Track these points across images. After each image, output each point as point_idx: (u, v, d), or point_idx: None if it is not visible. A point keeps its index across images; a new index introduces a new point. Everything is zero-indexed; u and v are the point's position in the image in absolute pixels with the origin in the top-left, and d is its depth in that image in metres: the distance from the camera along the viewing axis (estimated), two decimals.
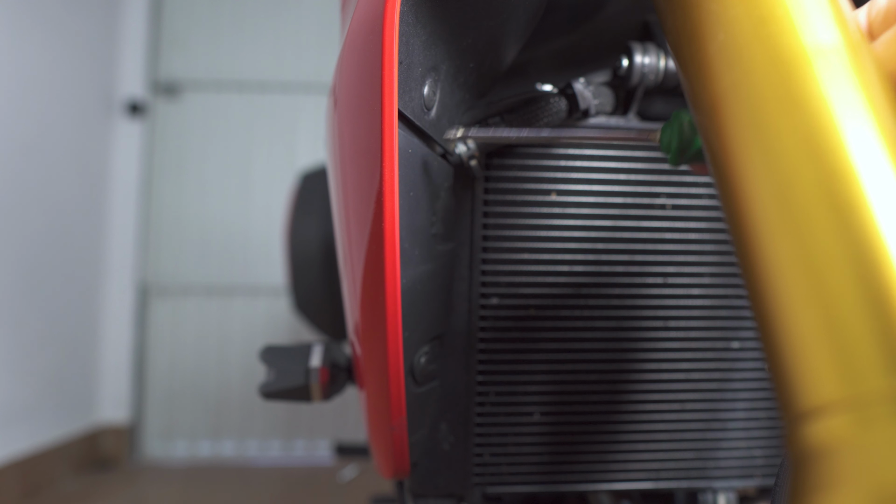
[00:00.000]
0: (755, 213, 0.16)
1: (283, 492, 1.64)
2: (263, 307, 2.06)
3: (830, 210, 0.14)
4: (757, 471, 0.46)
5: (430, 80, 0.31)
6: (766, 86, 0.16)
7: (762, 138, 0.16)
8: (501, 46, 0.35)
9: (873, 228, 0.14)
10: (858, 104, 0.15)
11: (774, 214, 0.15)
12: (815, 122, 0.15)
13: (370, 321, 0.31)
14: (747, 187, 0.16)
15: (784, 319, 0.15)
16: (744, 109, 0.17)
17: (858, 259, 0.14)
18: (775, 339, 0.15)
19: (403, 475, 0.37)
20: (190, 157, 2.07)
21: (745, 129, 0.17)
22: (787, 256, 0.15)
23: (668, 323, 0.43)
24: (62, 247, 1.74)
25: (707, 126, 0.18)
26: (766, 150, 0.16)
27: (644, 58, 0.39)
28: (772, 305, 0.15)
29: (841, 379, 0.13)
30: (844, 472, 0.13)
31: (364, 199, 0.29)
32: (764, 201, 0.16)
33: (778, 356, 0.15)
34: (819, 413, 0.14)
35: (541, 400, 0.43)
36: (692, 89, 0.19)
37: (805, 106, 0.16)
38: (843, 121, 0.15)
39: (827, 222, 0.14)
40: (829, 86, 0.15)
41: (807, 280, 0.14)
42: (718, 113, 0.18)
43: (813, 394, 0.14)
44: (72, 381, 1.80)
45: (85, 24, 1.84)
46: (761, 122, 0.16)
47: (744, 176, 0.16)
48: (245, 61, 2.09)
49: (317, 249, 0.88)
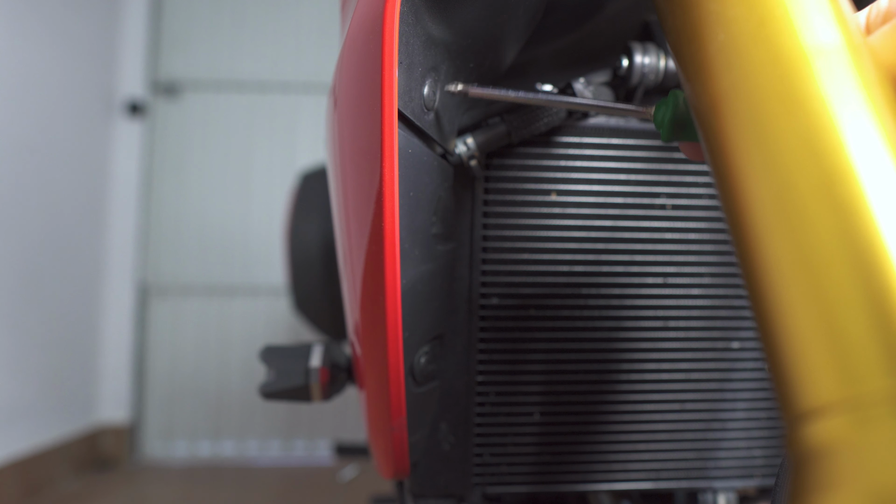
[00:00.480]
0: (755, 213, 0.16)
1: (283, 492, 1.64)
2: (263, 307, 2.06)
3: (830, 210, 0.14)
4: (757, 471, 0.46)
5: (430, 80, 0.31)
6: (766, 86, 0.16)
7: (762, 138, 0.16)
8: (501, 46, 0.35)
9: (873, 229, 0.14)
10: (858, 105, 0.15)
11: (774, 214, 0.15)
12: (815, 123, 0.15)
13: (370, 321, 0.31)
14: (747, 187, 0.16)
15: (784, 319, 0.15)
16: (744, 110, 0.17)
17: (858, 259, 0.14)
18: (775, 339, 0.15)
19: (403, 475, 0.37)
20: (190, 157, 2.07)
21: (745, 129, 0.17)
22: (786, 256, 0.15)
23: (667, 323, 0.43)
24: (62, 247, 1.74)
25: (707, 126, 0.18)
26: (766, 151, 0.16)
27: (644, 58, 0.39)
28: (771, 305, 0.15)
29: (840, 379, 0.13)
30: (843, 473, 0.13)
31: (364, 199, 0.29)
32: (763, 201, 0.16)
33: (778, 356, 0.15)
34: (818, 413, 0.14)
35: (541, 400, 0.43)
36: (692, 89, 0.19)
37: (805, 106, 0.16)
38: (843, 121, 0.15)
39: (827, 223, 0.14)
40: (829, 86, 0.15)
41: (806, 280, 0.14)
42: (718, 113, 0.18)
43: (812, 394, 0.14)
44: (72, 381, 1.80)
45: (85, 24, 1.84)
46: (761, 123, 0.16)
47: (743, 176, 0.16)
48: (245, 61, 2.09)
49: (317, 249, 0.88)
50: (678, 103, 0.26)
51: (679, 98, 0.26)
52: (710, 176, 0.42)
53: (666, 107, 0.26)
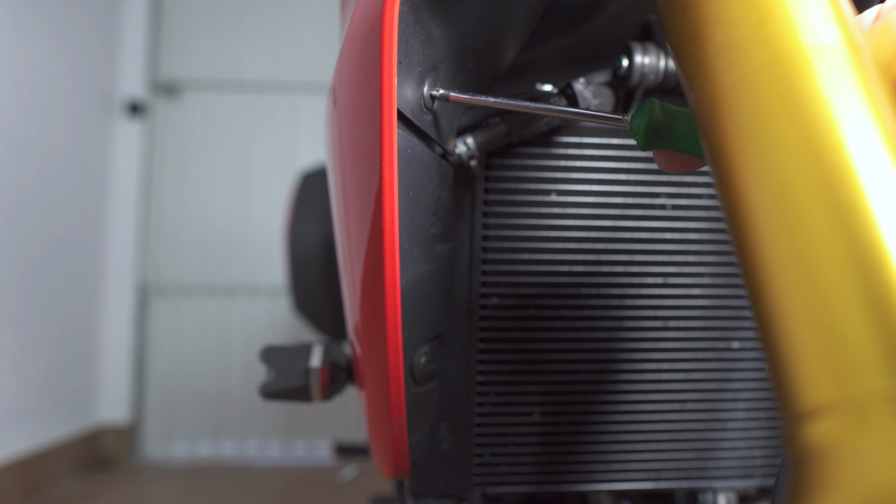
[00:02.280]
0: (754, 213, 0.16)
1: (283, 492, 1.64)
2: (263, 307, 2.06)
3: (830, 210, 0.14)
4: (757, 471, 0.46)
5: (430, 79, 0.31)
6: (767, 86, 0.16)
7: (762, 138, 0.16)
8: (501, 46, 0.35)
9: (872, 229, 0.14)
10: (859, 105, 0.15)
11: (774, 214, 0.15)
12: (815, 123, 0.15)
13: (370, 321, 0.31)
14: (747, 187, 0.16)
15: (783, 319, 0.15)
16: (744, 110, 0.17)
17: (857, 260, 0.14)
18: (775, 339, 0.15)
19: (403, 475, 0.37)
20: (190, 157, 2.07)
21: (744, 129, 0.17)
22: (786, 256, 0.15)
23: (667, 323, 0.43)
24: (62, 247, 1.74)
25: (707, 126, 0.18)
26: (766, 151, 0.16)
27: (644, 58, 0.39)
28: (771, 305, 0.15)
29: (839, 380, 0.13)
30: (840, 474, 0.13)
31: (364, 199, 0.29)
32: (763, 201, 0.16)
33: (777, 356, 0.15)
34: (818, 414, 0.14)
35: (541, 400, 0.43)
36: (692, 89, 0.19)
37: (805, 106, 0.15)
38: (844, 121, 0.15)
39: (826, 223, 0.14)
40: (830, 86, 0.15)
41: (806, 280, 0.14)
42: (718, 113, 0.18)
43: (812, 394, 0.14)
44: (72, 381, 1.80)
45: (85, 24, 1.84)
46: (761, 123, 0.16)
47: (743, 176, 0.16)
48: (245, 61, 2.09)
49: (317, 249, 0.88)
50: (654, 111, 0.26)
51: (655, 106, 0.26)
52: (710, 176, 0.42)
53: (642, 115, 0.26)
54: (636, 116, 0.27)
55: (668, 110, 0.26)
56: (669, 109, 0.26)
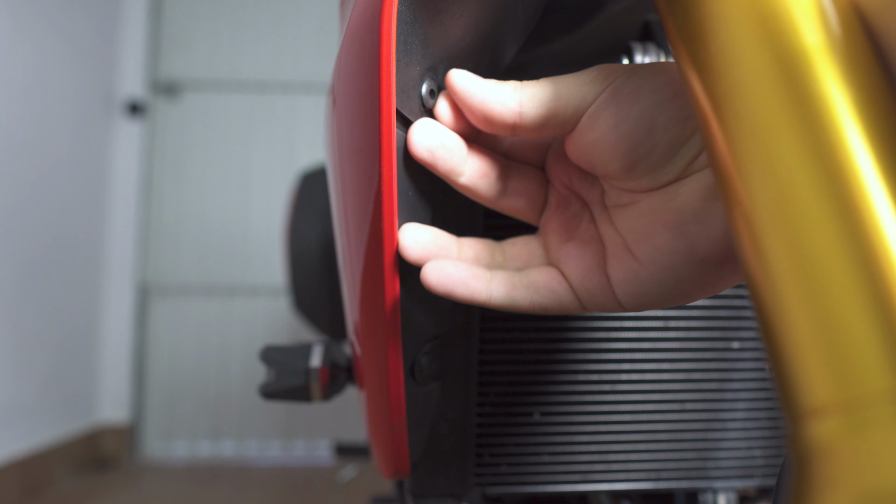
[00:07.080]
0: (755, 212, 0.16)
1: (283, 492, 1.64)
2: (263, 307, 2.06)
3: (830, 210, 0.14)
4: (757, 471, 0.46)
5: (429, 79, 0.31)
6: (768, 86, 0.16)
7: (763, 138, 0.16)
8: (500, 46, 0.35)
9: (874, 228, 0.14)
10: (860, 105, 0.15)
11: (775, 214, 0.15)
12: (816, 123, 0.15)
13: (370, 321, 0.31)
14: (748, 187, 0.16)
15: (785, 319, 0.15)
16: (745, 109, 0.17)
17: (859, 259, 0.14)
18: (776, 338, 0.15)
19: (403, 475, 0.37)
20: (190, 157, 2.07)
21: (745, 129, 0.16)
22: (787, 255, 0.15)
23: (668, 323, 0.43)
24: (62, 247, 1.74)
25: (707, 126, 0.18)
26: (767, 150, 0.16)
27: (644, 58, 0.39)
28: (773, 305, 0.15)
29: (840, 380, 0.13)
30: (842, 474, 0.13)
31: (363, 199, 0.29)
32: (764, 201, 0.16)
33: (779, 356, 0.15)
34: (818, 414, 0.14)
35: (541, 400, 0.43)
36: (692, 89, 0.19)
37: (806, 106, 0.15)
38: (845, 121, 0.15)
39: (828, 222, 0.14)
40: (831, 86, 0.15)
41: (808, 280, 0.14)
42: (718, 113, 0.18)
43: (813, 395, 0.14)
44: (72, 381, 1.80)
45: (85, 24, 1.84)
46: (762, 122, 0.16)
47: (744, 176, 0.16)
48: (245, 61, 2.10)
49: (317, 249, 0.88)
50: None
51: None
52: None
53: None
54: None
55: None
56: None
